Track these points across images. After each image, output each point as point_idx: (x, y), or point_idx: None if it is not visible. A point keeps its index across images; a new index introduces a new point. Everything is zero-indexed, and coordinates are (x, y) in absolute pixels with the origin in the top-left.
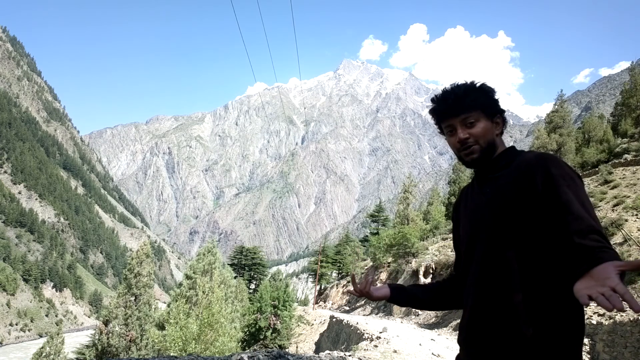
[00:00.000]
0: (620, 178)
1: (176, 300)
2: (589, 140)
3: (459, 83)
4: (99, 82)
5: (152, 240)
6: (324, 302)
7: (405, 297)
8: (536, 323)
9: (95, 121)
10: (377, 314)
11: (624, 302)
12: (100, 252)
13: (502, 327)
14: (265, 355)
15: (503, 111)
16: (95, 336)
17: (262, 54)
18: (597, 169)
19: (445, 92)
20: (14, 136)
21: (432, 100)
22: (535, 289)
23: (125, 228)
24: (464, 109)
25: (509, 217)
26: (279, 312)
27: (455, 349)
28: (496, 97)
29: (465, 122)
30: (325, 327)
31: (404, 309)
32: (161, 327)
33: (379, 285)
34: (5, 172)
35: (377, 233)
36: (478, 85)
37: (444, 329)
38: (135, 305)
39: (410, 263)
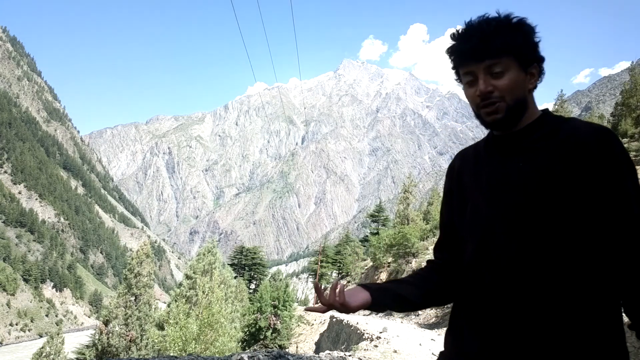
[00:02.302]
0: None
1: (176, 300)
2: None
3: (489, 16)
4: (99, 82)
5: (152, 240)
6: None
7: (390, 299)
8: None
9: (95, 121)
10: (377, 314)
11: None
12: (100, 252)
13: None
14: (265, 355)
15: (543, 59)
16: (95, 336)
17: (262, 54)
18: None
19: (469, 27)
20: (14, 136)
21: (452, 36)
22: (585, 299)
23: (126, 228)
24: (491, 53)
25: (559, 203)
26: (279, 312)
27: None
28: (536, 38)
29: (491, 71)
30: (325, 327)
31: None
32: (161, 327)
33: (350, 288)
34: (5, 172)
35: (377, 233)
36: (515, 21)
37: (445, 329)
38: (135, 305)
39: (411, 263)
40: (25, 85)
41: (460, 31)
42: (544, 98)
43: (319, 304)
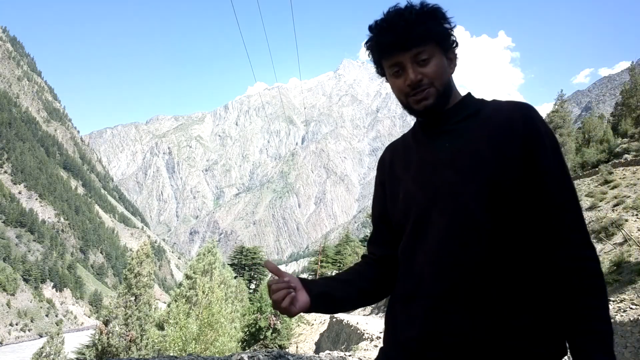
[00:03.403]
0: (620, 178)
1: (176, 300)
2: (589, 140)
3: (407, 5)
4: (99, 82)
5: (152, 240)
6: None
7: (328, 304)
8: (526, 313)
9: (95, 121)
10: (377, 313)
11: None
12: (101, 252)
13: (488, 325)
14: (265, 355)
15: (457, 44)
16: (95, 336)
17: (262, 54)
18: (597, 169)
19: (390, 17)
20: (14, 136)
21: (372, 28)
22: (516, 274)
23: (126, 228)
24: (416, 41)
25: (485, 179)
26: (278, 312)
27: None
28: (450, 22)
29: (417, 59)
30: (325, 327)
31: None
32: (161, 327)
33: (292, 287)
34: (5, 172)
35: None
36: (431, 8)
37: None
38: (136, 305)
39: None
40: (25, 85)
41: (380, 23)
42: (544, 98)
43: (276, 286)
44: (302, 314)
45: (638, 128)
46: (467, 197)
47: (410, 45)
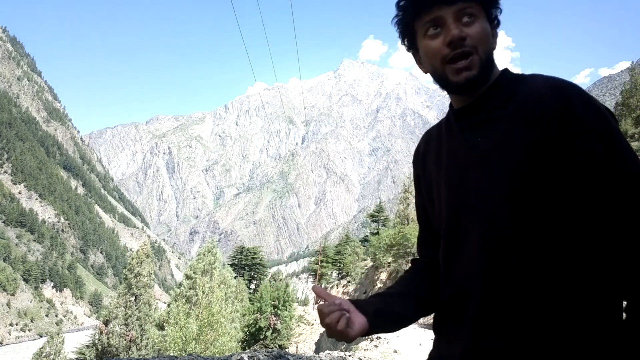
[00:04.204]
0: None
1: (176, 300)
2: None
3: None
4: (99, 82)
5: (152, 240)
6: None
7: (388, 323)
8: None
9: (95, 121)
10: None
11: None
12: (101, 252)
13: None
14: (265, 355)
15: (499, 22)
16: (96, 336)
17: (262, 54)
18: None
19: None
20: (14, 136)
21: None
22: (569, 289)
23: (126, 228)
24: None
25: (516, 182)
26: (279, 312)
27: None
28: None
29: (460, 17)
30: None
31: None
32: (161, 327)
33: (345, 309)
34: (5, 172)
35: (377, 233)
36: None
37: None
38: (135, 305)
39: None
40: (25, 85)
41: None
42: None
43: (321, 304)
44: (302, 314)
45: (638, 128)
46: (499, 203)
47: None
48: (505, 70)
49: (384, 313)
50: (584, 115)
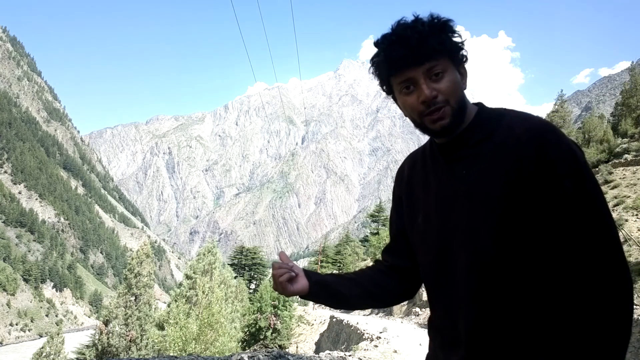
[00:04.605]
0: (620, 178)
1: (176, 301)
2: (589, 140)
3: (418, 18)
4: (99, 82)
5: (152, 240)
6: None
7: (327, 295)
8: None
9: (95, 121)
10: (377, 313)
11: None
12: (101, 252)
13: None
14: (265, 355)
15: (467, 58)
16: (95, 336)
17: (262, 54)
18: (597, 169)
19: (401, 30)
20: (14, 136)
21: (379, 43)
22: (544, 319)
23: (126, 228)
24: (430, 55)
25: (498, 215)
26: (279, 312)
27: None
28: (461, 36)
29: (430, 74)
30: (325, 327)
31: (404, 308)
32: (161, 327)
33: (294, 271)
34: (5, 172)
35: (378, 233)
36: (442, 19)
37: None
38: (136, 305)
39: None
40: (25, 85)
41: (390, 36)
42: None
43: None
44: (302, 314)
45: (638, 128)
46: (485, 234)
47: (423, 59)
48: (481, 109)
49: (326, 286)
50: (557, 157)
